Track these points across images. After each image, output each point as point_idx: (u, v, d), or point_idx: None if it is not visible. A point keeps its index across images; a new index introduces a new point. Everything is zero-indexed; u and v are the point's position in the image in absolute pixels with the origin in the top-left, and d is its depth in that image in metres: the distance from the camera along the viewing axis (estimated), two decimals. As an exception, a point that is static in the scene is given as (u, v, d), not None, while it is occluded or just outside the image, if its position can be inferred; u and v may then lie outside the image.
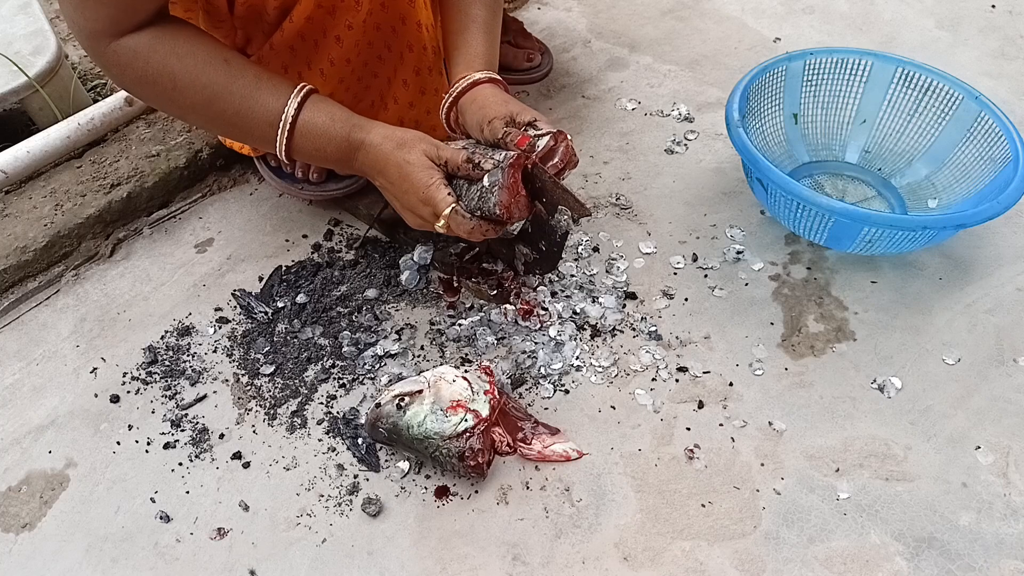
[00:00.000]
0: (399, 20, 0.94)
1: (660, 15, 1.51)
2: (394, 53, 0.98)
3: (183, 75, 0.84)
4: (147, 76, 0.84)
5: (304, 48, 0.95)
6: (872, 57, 1.15)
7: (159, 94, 0.86)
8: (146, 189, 1.15)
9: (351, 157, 0.89)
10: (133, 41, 0.83)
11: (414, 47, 0.97)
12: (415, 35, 0.96)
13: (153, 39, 0.83)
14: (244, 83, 0.86)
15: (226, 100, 0.86)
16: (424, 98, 1.03)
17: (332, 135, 0.87)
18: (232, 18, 0.94)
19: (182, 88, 0.85)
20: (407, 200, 0.88)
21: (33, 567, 0.82)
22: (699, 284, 1.06)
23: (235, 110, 0.86)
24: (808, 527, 0.84)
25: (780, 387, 0.95)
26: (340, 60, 0.96)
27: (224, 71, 0.85)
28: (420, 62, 0.99)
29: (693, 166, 1.23)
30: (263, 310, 1.03)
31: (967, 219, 0.96)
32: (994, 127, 1.06)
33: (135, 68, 0.84)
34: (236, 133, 0.95)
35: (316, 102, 0.88)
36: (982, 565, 0.81)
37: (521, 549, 0.82)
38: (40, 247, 1.07)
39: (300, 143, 0.88)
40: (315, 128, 0.87)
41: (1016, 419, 0.92)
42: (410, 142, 0.86)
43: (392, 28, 0.95)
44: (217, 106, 0.86)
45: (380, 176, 0.90)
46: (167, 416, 0.93)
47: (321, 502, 0.86)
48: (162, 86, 0.85)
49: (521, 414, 0.92)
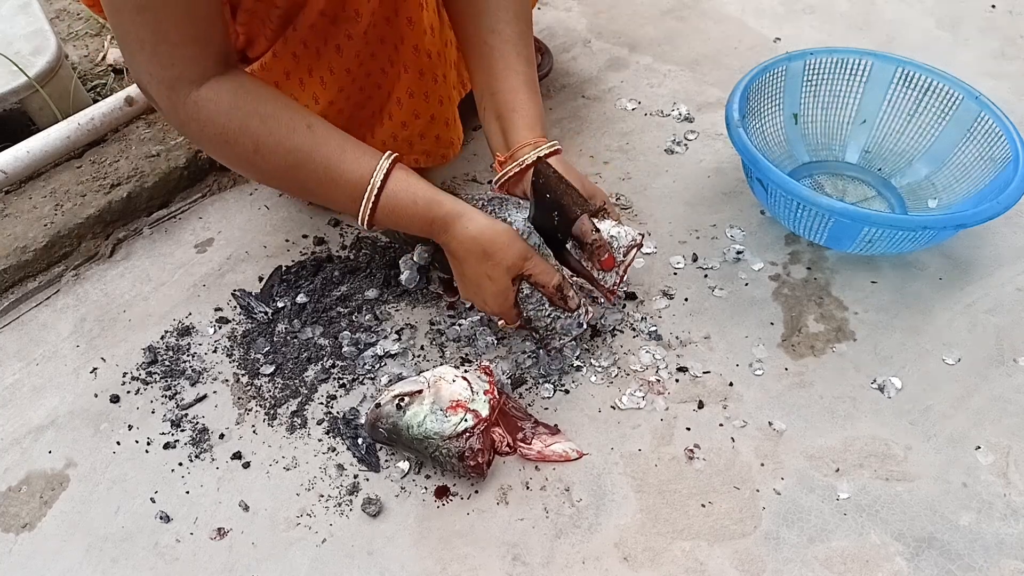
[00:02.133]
0: (399, 39, 0.94)
1: (660, 15, 1.51)
2: (395, 69, 0.98)
3: (266, 137, 0.81)
4: (227, 134, 0.81)
5: (307, 55, 0.95)
6: (872, 57, 1.15)
7: (238, 155, 0.83)
8: (146, 189, 1.15)
9: (435, 236, 0.88)
10: (215, 93, 0.79)
11: (410, 68, 0.97)
12: (411, 58, 0.96)
13: (234, 95, 0.80)
14: (328, 151, 0.83)
15: (309, 169, 0.83)
16: (417, 122, 1.03)
17: (414, 214, 0.86)
18: (234, 23, 0.95)
19: (264, 152, 0.82)
20: (478, 298, 0.90)
21: (33, 567, 0.82)
22: (699, 284, 1.06)
23: (318, 179, 0.84)
24: (808, 527, 0.84)
25: (780, 387, 0.96)
26: (340, 70, 0.96)
27: (309, 137, 0.83)
28: (415, 86, 0.99)
29: (693, 166, 1.23)
30: (263, 310, 1.03)
31: (967, 219, 0.96)
32: (994, 127, 1.06)
33: (217, 124, 0.80)
34: (319, 200, 0.97)
35: (401, 177, 0.85)
36: (982, 565, 0.81)
37: (521, 549, 0.82)
38: (40, 247, 1.07)
39: (383, 216, 0.86)
40: (398, 205, 0.85)
41: (1016, 419, 0.92)
42: (497, 256, 0.85)
43: (394, 45, 0.95)
44: (300, 173, 0.84)
45: (458, 264, 0.89)
46: (167, 416, 0.93)
47: (321, 502, 0.86)
48: (243, 147, 0.82)
49: (521, 414, 0.92)
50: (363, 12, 0.91)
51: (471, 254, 0.86)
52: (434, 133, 1.05)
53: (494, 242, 0.85)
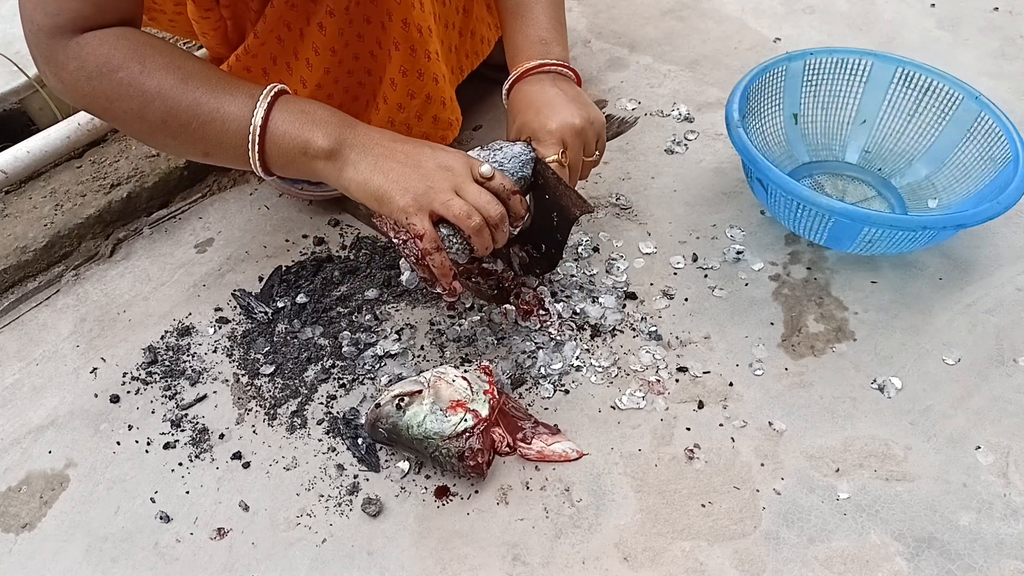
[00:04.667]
0: (386, 15, 0.92)
1: (660, 15, 1.51)
2: (384, 50, 0.96)
3: (156, 56, 0.77)
4: (110, 63, 0.76)
5: (291, 37, 0.94)
6: (872, 57, 1.15)
7: (120, 82, 0.77)
8: (146, 189, 1.15)
9: (347, 129, 0.82)
10: (99, 33, 0.77)
11: (400, 46, 0.94)
12: (401, 33, 0.92)
13: (122, 32, 0.78)
14: (220, 75, 0.81)
15: (203, 82, 0.79)
16: (413, 103, 1.00)
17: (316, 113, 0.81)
18: (218, 7, 0.94)
19: (152, 69, 0.77)
20: (436, 158, 0.81)
21: (33, 567, 0.82)
22: (699, 284, 1.06)
23: (212, 88, 0.79)
24: (808, 527, 0.84)
25: (780, 387, 0.96)
26: (324, 49, 0.94)
27: (200, 63, 0.81)
28: (407, 63, 0.95)
29: (693, 166, 1.23)
30: (263, 310, 1.03)
31: (967, 219, 0.96)
32: (994, 127, 1.06)
33: (99, 55, 0.76)
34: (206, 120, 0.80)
35: (288, 101, 0.81)
36: (982, 565, 0.81)
37: (521, 549, 0.82)
38: (40, 247, 1.07)
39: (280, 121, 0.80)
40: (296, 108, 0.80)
41: (1016, 419, 0.92)
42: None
43: (381, 23, 0.93)
44: (189, 89, 0.78)
45: (394, 143, 0.82)
46: (167, 416, 0.93)
47: (321, 502, 0.86)
48: (129, 71, 0.77)
49: (521, 414, 0.92)
50: None
51: (396, 135, 0.81)
52: (431, 114, 1.02)
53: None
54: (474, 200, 0.81)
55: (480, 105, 1.31)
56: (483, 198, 0.81)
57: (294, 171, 0.84)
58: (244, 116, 0.79)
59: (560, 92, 0.92)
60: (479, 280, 1.02)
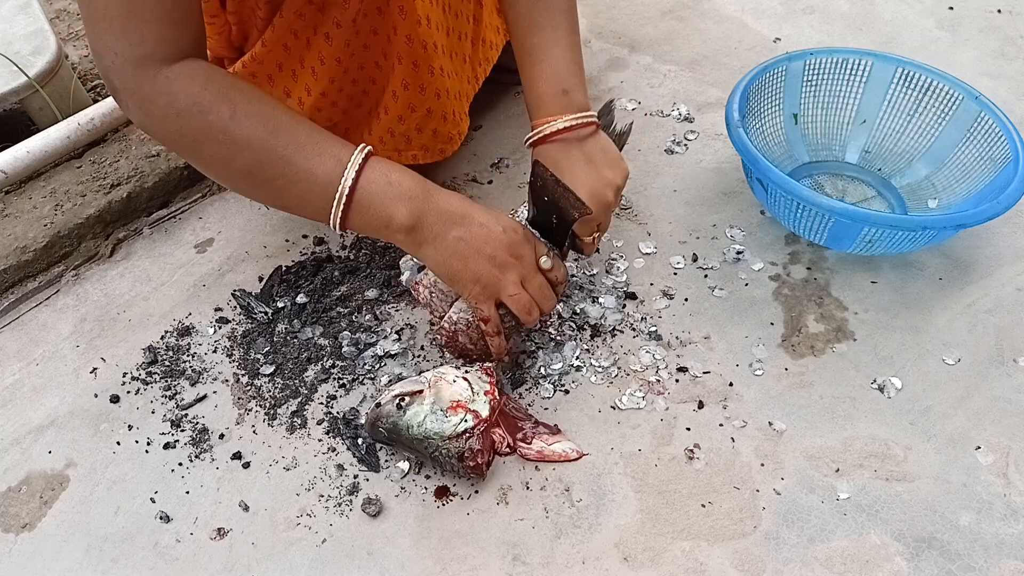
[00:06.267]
0: (391, 29, 0.93)
1: (660, 15, 1.51)
2: (389, 62, 0.96)
3: (247, 104, 0.76)
4: (201, 103, 0.75)
5: (298, 46, 0.95)
6: (872, 57, 1.15)
7: (209, 125, 0.76)
8: (146, 189, 1.15)
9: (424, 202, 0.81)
10: (189, 68, 0.75)
11: (403, 60, 0.95)
12: (404, 48, 0.94)
13: (210, 69, 0.77)
14: (312, 127, 0.80)
15: (292, 135, 0.77)
16: (414, 115, 1.01)
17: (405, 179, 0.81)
18: (224, 13, 0.94)
19: (243, 117, 0.76)
20: (506, 237, 0.83)
21: (33, 567, 0.82)
22: (699, 284, 1.06)
23: (299, 145, 0.78)
24: (808, 527, 0.84)
25: (780, 387, 0.96)
26: (330, 59, 0.95)
27: (288, 113, 0.79)
28: (409, 77, 0.96)
29: (693, 166, 1.23)
30: (263, 310, 1.03)
31: (967, 219, 0.96)
32: (994, 127, 1.06)
33: (190, 93, 0.75)
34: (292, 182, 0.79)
35: (375, 166, 0.80)
36: (982, 565, 0.81)
37: (521, 549, 0.82)
38: (40, 247, 1.07)
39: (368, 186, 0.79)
40: (388, 172, 0.80)
41: (1016, 419, 0.92)
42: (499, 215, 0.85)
43: (387, 37, 0.94)
44: (280, 140, 0.77)
45: (464, 219, 0.82)
46: (167, 416, 0.93)
47: (321, 502, 0.86)
48: (219, 113, 0.75)
49: (521, 414, 0.92)
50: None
51: (474, 203, 0.82)
52: (431, 127, 1.03)
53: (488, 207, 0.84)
54: (536, 294, 0.87)
55: (480, 105, 1.31)
56: (544, 292, 0.87)
57: (372, 235, 0.87)
58: (331, 183, 0.78)
59: (586, 158, 0.89)
60: None
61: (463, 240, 0.82)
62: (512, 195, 1.18)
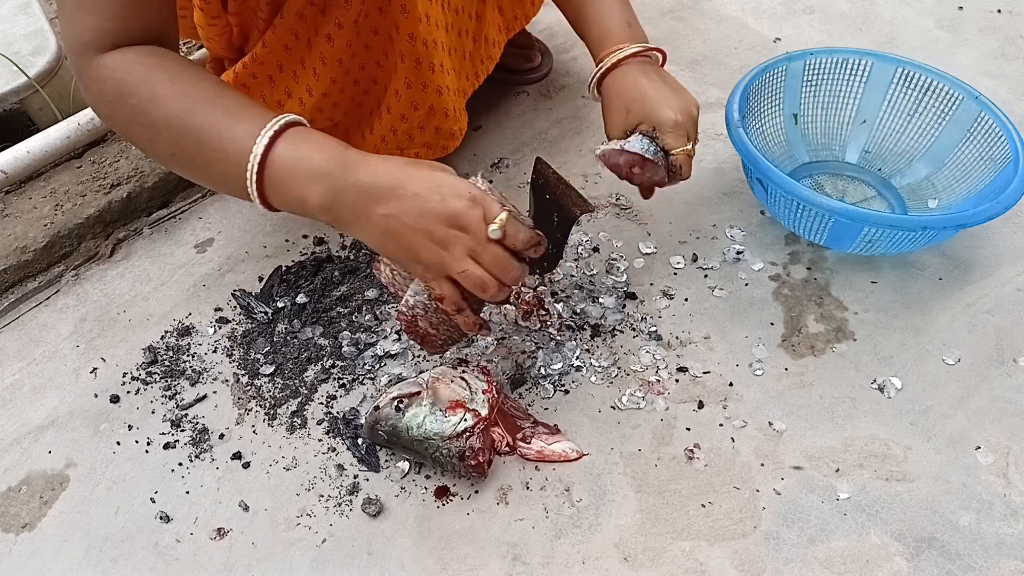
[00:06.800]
0: (393, 28, 0.92)
1: (660, 15, 1.51)
2: (390, 61, 0.96)
3: (166, 85, 0.75)
4: (126, 86, 0.75)
5: (298, 46, 0.95)
6: (872, 57, 1.15)
7: (133, 106, 0.75)
8: (146, 189, 1.15)
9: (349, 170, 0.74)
10: (119, 55, 0.76)
11: (406, 58, 0.95)
12: (407, 46, 0.93)
13: (140, 53, 0.76)
14: (235, 100, 0.77)
15: (209, 112, 0.75)
16: (416, 113, 1.00)
17: (325, 144, 0.75)
18: (226, 14, 0.94)
19: (161, 98, 0.75)
20: (447, 205, 0.72)
21: (33, 567, 0.82)
22: (699, 284, 1.06)
23: (215, 121, 0.75)
24: (808, 527, 0.84)
25: (780, 387, 0.96)
26: (332, 60, 0.95)
27: (216, 85, 0.77)
28: (412, 75, 0.96)
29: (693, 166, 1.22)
30: (263, 310, 1.03)
31: (967, 219, 0.96)
32: (994, 127, 1.06)
33: (115, 78, 0.75)
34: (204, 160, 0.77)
35: (287, 143, 0.74)
36: (982, 565, 0.81)
37: (521, 549, 0.82)
38: (40, 247, 1.07)
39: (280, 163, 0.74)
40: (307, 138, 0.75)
41: (1016, 419, 0.92)
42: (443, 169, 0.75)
43: (388, 36, 0.94)
44: (196, 119, 0.75)
45: (398, 192, 0.73)
46: (167, 416, 0.93)
47: (321, 502, 0.86)
48: (139, 95, 0.75)
49: (520, 414, 0.92)
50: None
51: (408, 165, 0.73)
52: (433, 124, 1.03)
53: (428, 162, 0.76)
54: (491, 267, 0.75)
55: (480, 105, 1.31)
56: (500, 264, 0.75)
57: (301, 215, 0.78)
58: (242, 161, 0.74)
59: (664, 81, 0.93)
60: None
61: (392, 217, 0.73)
62: (512, 195, 1.18)
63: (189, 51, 1.33)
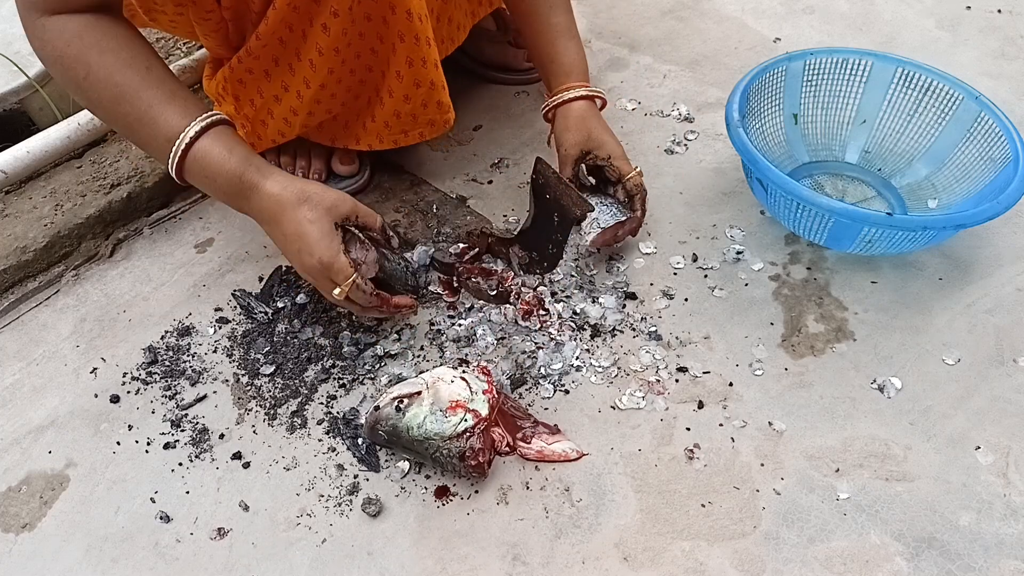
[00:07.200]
0: (388, 9, 0.92)
1: (660, 15, 1.51)
2: (386, 44, 0.95)
3: (98, 68, 0.83)
4: (63, 59, 0.83)
5: (293, 39, 0.94)
6: (872, 57, 1.15)
7: (70, 80, 0.85)
8: (146, 189, 1.15)
9: (243, 197, 0.88)
10: (62, 22, 0.82)
11: (405, 37, 0.94)
12: (405, 24, 0.93)
13: (83, 26, 0.83)
14: (157, 93, 0.85)
15: (132, 104, 0.85)
16: (419, 91, 1.00)
17: (224, 169, 0.86)
18: (220, 8, 0.94)
19: (93, 80, 0.84)
20: (301, 259, 0.88)
21: (33, 567, 0.82)
22: (699, 284, 1.06)
23: (138, 116, 0.85)
24: (808, 527, 0.84)
25: (780, 387, 0.96)
26: (328, 50, 0.94)
27: (141, 77, 0.85)
28: (412, 53, 0.96)
29: (693, 166, 1.23)
30: (263, 310, 1.03)
31: (967, 219, 0.96)
32: (994, 127, 1.06)
33: (54, 48, 0.83)
34: (135, 140, 0.93)
35: (221, 133, 0.87)
36: (982, 565, 0.81)
37: (521, 549, 0.82)
38: (40, 247, 1.07)
39: (193, 168, 0.87)
40: (209, 157, 0.86)
41: (1016, 419, 0.92)
42: (314, 198, 0.87)
43: (383, 18, 0.93)
44: (123, 107, 0.85)
45: (273, 226, 0.89)
46: (167, 416, 0.93)
47: (321, 502, 0.86)
48: (75, 72, 0.84)
49: (520, 414, 0.92)
50: None
51: (286, 204, 0.86)
52: (435, 99, 1.02)
53: (305, 190, 0.87)
54: (353, 305, 0.92)
55: (480, 105, 1.31)
56: (359, 303, 0.91)
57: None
58: (164, 159, 0.87)
59: (603, 124, 1.08)
60: (479, 280, 1.02)
61: (279, 240, 0.90)
62: (512, 195, 1.18)
63: (189, 51, 1.33)
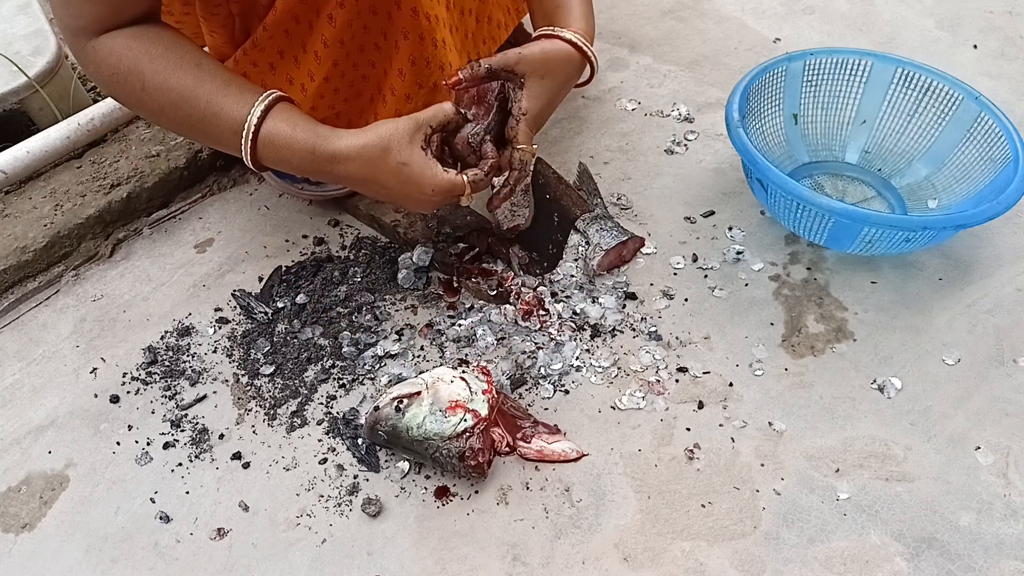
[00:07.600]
0: (394, 5, 0.91)
1: (660, 15, 1.51)
2: (390, 41, 0.95)
3: (152, 76, 0.84)
4: (118, 74, 0.84)
5: (299, 30, 0.94)
6: (872, 57, 1.15)
7: (129, 94, 0.86)
8: (146, 189, 1.15)
9: (324, 170, 0.87)
10: (110, 39, 0.83)
11: (409, 35, 0.94)
12: (410, 22, 0.92)
13: (129, 38, 0.84)
14: (211, 88, 0.85)
15: (192, 104, 0.85)
16: (421, 92, 0.99)
17: (294, 148, 0.86)
18: (227, 3, 0.94)
19: (150, 89, 0.84)
20: (417, 201, 0.88)
21: (33, 567, 0.82)
22: (699, 284, 1.06)
23: (200, 116, 0.86)
24: (808, 527, 0.84)
25: (780, 387, 0.96)
26: (334, 41, 0.94)
27: (194, 75, 0.85)
28: (416, 52, 0.95)
29: (693, 166, 1.23)
30: (263, 310, 1.03)
31: (967, 219, 0.96)
32: (994, 127, 1.06)
33: (108, 65, 0.84)
34: (205, 139, 0.94)
35: (280, 111, 0.86)
36: (982, 565, 0.81)
37: (521, 549, 0.82)
38: (40, 247, 1.07)
39: (266, 152, 0.87)
40: (277, 140, 0.86)
41: (1016, 419, 0.92)
42: (391, 140, 0.85)
43: (388, 14, 0.92)
44: (183, 110, 0.85)
45: (369, 186, 0.88)
46: (167, 416, 0.93)
47: (321, 502, 0.86)
48: (131, 85, 0.85)
49: (520, 414, 0.92)
50: None
51: (373, 161, 0.85)
52: (437, 102, 1.02)
53: (379, 134, 0.85)
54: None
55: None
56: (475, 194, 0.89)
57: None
58: (236, 148, 0.87)
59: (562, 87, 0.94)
60: (479, 280, 1.02)
61: (384, 195, 0.89)
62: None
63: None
